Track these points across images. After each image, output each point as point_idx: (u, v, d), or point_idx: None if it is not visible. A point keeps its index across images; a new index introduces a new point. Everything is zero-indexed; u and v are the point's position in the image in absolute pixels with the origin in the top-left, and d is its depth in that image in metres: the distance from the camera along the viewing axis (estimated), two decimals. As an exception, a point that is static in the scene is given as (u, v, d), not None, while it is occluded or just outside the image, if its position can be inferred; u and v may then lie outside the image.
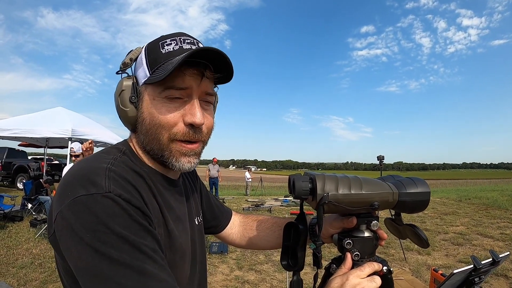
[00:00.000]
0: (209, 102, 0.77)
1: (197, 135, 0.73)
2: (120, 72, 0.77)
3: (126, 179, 0.64)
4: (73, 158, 4.04)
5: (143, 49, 0.76)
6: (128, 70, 0.78)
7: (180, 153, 0.73)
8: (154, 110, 0.71)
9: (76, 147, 3.96)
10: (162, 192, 0.77)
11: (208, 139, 0.80)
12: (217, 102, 0.91)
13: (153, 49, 0.73)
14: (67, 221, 0.57)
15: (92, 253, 0.55)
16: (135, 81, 0.75)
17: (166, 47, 0.71)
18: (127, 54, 0.78)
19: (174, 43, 0.72)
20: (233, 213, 1.21)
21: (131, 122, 0.76)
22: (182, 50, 0.71)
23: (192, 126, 0.71)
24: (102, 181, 0.59)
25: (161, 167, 0.79)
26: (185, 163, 0.74)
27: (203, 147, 0.79)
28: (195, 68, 0.70)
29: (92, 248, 0.55)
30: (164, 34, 0.75)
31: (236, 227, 1.17)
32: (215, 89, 0.83)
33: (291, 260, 0.90)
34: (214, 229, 1.13)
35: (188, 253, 0.81)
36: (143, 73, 0.73)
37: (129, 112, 0.74)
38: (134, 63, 0.77)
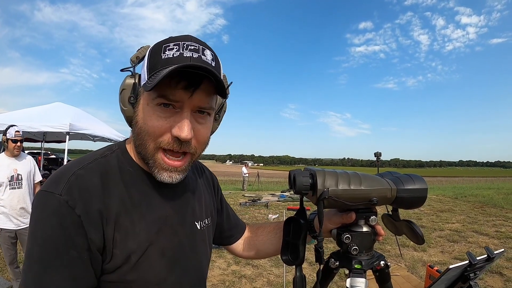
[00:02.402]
0: (207, 114, 0.76)
1: (183, 147, 0.72)
2: (125, 70, 0.78)
3: (83, 185, 0.68)
4: (19, 143, 3.51)
5: (149, 49, 0.74)
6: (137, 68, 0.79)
7: (161, 167, 0.74)
8: (145, 115, 0.71)
9: (20, 131, 3.54)
10: (143, 191, 0.77)
11: (199, 153, 0.79)
12: (225, 112, 0.91)
13: (156, 52, 0.71)
14: (31, 208, 0.69)
15: (29, 239, 0.65)
16: (137, 81, 0.76)
17: (167, 52, 0.69)
18: (137, 51, 0.78)
19: (176, 48, 0.69)
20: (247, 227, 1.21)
21: (129, 121, 0.78)
22: (182, 57, 0.68)
23: (178, 139, 0.71)
24: (61, 183, 0.67)
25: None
26: (166, 177, 0.74)
27: (190, 161, 0.78)
28: (187, 81, 0.68)
29: (30, 236, 0.65)
30: (174, 36, 0.73)
31: (244, 237, 1.17)
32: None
33: (292, 255, 0.91)
34: (227, 240, 1.13)
35: (162, 255, 0.77)
36: (143, 75, 0.73)
37: (127, 111, 0.77)
38: (141, 62, 0.77)
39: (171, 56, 0.68)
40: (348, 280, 0.83)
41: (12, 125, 3.56)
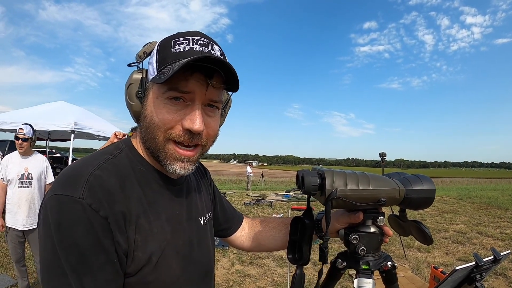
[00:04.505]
0: (216, 108, 0.75)
1: (194, 140, 0.72)
2: (132, 64, 0.77)
3: (104, 187, 0.66)
4: (20, 141, 3.44)
5: (157, 44, 0.74)
6: (143, 63, 0.78)
7: (173, 158, 0.73)
8: (155, 109, 0.71)
9: (26, 129, 3.46)
10: (156, 190, 0.77)
11: (210, 145, 0.79)
12: (230, 107, 0.90)
13: (165, 47, 0.71)
14: (44, 213, 0.63)
15: (49, 248, 0.61)
16: (144, 76, 0.75)
17: (177, 47, 0.69)
18: (143, 47, 0.77)
19: (186, 43, 0.69)
20: (245, 218, 1.21)
21: (136, 116, 0.77)
22: (192, 52, 0.68)
23: (190, 132, 0.70)
24: (79, 186, 0.63)
25: (160, 164, 0.77)
26: (179, 168, 0.73)
27: (201, 153, 0.78)
28: (201, 74, 0.68)
29: (50, 244, 0.60)
30: (182, 31, 0.73)
31: (245, 229, 1.18)
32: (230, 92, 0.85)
33: (297, 254, 0.91)
34: (224, 232, 1.13)
35: (176, 253, 0.78)
36: (152, 70, 0.73)
37: (134, 106, 0.75)
38: (148, 57, 0.76)
39: (181, 50, 0.68)
40: (356, 280, 0.83)
41: (24, 123, 3.52)
